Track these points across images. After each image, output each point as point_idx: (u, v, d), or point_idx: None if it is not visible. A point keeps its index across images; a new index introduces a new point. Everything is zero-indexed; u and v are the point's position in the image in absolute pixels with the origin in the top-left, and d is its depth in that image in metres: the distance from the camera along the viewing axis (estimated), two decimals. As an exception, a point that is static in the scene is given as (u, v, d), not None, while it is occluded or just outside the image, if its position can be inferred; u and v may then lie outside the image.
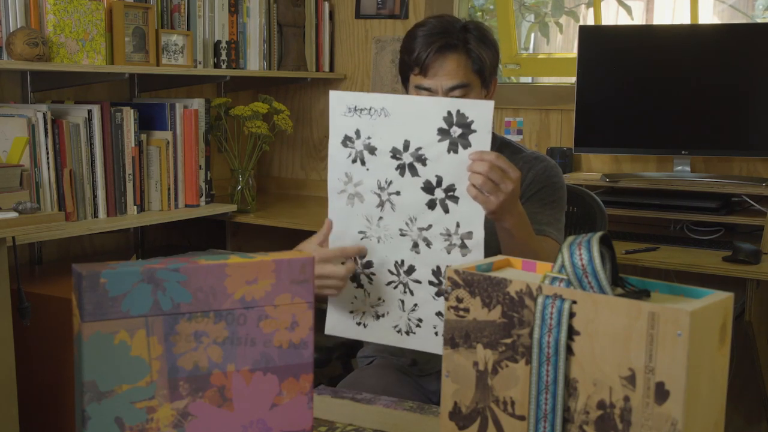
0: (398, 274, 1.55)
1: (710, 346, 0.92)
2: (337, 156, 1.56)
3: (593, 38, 2.98)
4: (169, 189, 2.83)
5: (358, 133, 1.53)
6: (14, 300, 2.14)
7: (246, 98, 3.52)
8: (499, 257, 1.14)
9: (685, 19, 3.35)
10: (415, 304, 1.55)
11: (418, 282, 1.54)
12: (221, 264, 0.98)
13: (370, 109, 1.51)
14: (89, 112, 2.55)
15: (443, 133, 1.47)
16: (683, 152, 2.89)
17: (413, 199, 1.51)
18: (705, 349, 0.91)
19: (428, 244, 1.51)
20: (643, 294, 0.97)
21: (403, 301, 1.56)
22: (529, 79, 3.68)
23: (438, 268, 1.51)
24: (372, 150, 1.52)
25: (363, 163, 1.53)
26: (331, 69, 3.59)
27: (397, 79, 3.55)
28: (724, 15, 3.65)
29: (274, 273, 1.01)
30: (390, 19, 3.48)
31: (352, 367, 2.12)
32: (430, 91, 1.79)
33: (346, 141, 1.54)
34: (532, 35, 3.93)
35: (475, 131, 1.45)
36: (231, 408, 1.00)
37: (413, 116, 1.48)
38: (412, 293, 1.55)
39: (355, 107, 1.52)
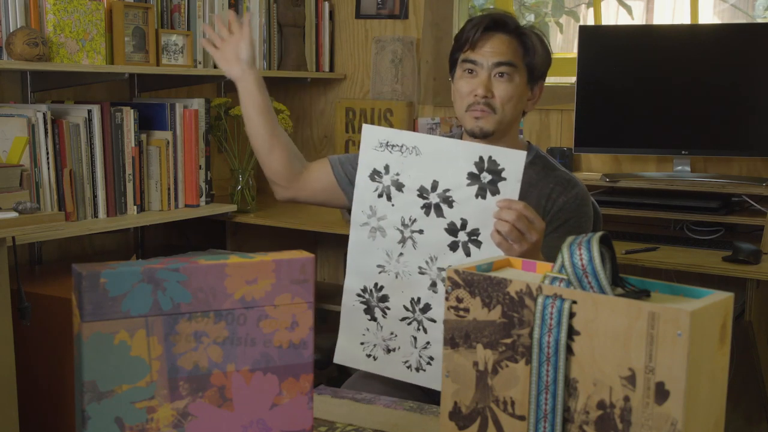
0: (413, 311, 1.57)
1: (710, 346, 0.92)
2: (363, 188, 1.58)
3: (593, 38, 2.98)
4: (169, 189, 2.82)
5: (387, 168, 1.55)
6: (14, 300, 2.14)
7: (246, 98, 3.52)
8: (499, 257, 1.14)
9: (685, 19, 3.35)
10: (428, 342, 1.57)
11: (433, 321, 1.56)
12: (221, 264, 0.98)
13: (401, 146, 1.53)
14: (89, 112, 2.55)
15: (473, 177, 1.49)
16: (683, 152, 2.89)
17: (436, 239, 1.53)
18: (705, 349, 0.91)
19: None
20: (643, 294, 0.97)
21: (415, 338, 1.58)
22: (529, 79, 3.67)
23: None
24: (399, 186, 1.54)
25: (389, 198, 1.56)
26: (331, 69, 3.59)
27: (397, 79, 3.57)
28: (724, 15, 3.65)
29: (274, 273, 1.01)
30: (390, 19, 3.47)
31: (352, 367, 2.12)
32: (476, 64, 1.78)
33: (374, 175, 1.57)
34: (532, 35, 3.92)
35: (504, 179, 1.47)
36: (231, 408, 1.00)
37: (444, 158, 1.51)
38: (426, 331, 1.57)
39: (387, 142, 1.54)
